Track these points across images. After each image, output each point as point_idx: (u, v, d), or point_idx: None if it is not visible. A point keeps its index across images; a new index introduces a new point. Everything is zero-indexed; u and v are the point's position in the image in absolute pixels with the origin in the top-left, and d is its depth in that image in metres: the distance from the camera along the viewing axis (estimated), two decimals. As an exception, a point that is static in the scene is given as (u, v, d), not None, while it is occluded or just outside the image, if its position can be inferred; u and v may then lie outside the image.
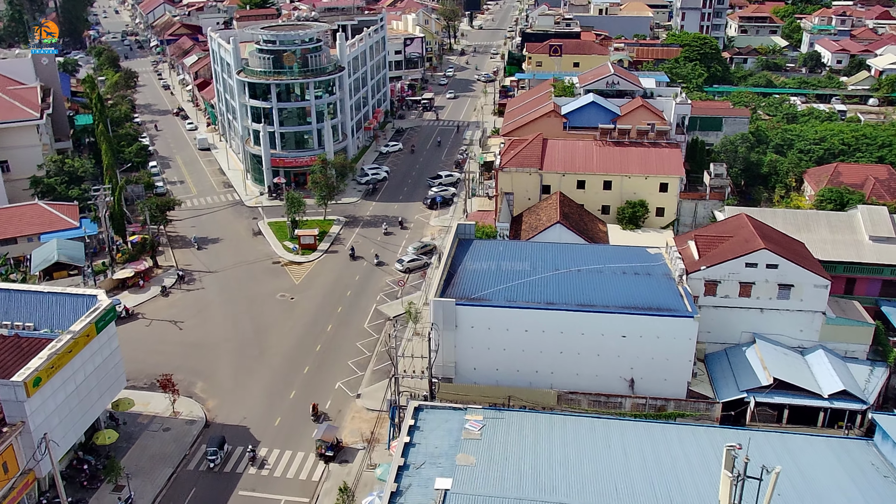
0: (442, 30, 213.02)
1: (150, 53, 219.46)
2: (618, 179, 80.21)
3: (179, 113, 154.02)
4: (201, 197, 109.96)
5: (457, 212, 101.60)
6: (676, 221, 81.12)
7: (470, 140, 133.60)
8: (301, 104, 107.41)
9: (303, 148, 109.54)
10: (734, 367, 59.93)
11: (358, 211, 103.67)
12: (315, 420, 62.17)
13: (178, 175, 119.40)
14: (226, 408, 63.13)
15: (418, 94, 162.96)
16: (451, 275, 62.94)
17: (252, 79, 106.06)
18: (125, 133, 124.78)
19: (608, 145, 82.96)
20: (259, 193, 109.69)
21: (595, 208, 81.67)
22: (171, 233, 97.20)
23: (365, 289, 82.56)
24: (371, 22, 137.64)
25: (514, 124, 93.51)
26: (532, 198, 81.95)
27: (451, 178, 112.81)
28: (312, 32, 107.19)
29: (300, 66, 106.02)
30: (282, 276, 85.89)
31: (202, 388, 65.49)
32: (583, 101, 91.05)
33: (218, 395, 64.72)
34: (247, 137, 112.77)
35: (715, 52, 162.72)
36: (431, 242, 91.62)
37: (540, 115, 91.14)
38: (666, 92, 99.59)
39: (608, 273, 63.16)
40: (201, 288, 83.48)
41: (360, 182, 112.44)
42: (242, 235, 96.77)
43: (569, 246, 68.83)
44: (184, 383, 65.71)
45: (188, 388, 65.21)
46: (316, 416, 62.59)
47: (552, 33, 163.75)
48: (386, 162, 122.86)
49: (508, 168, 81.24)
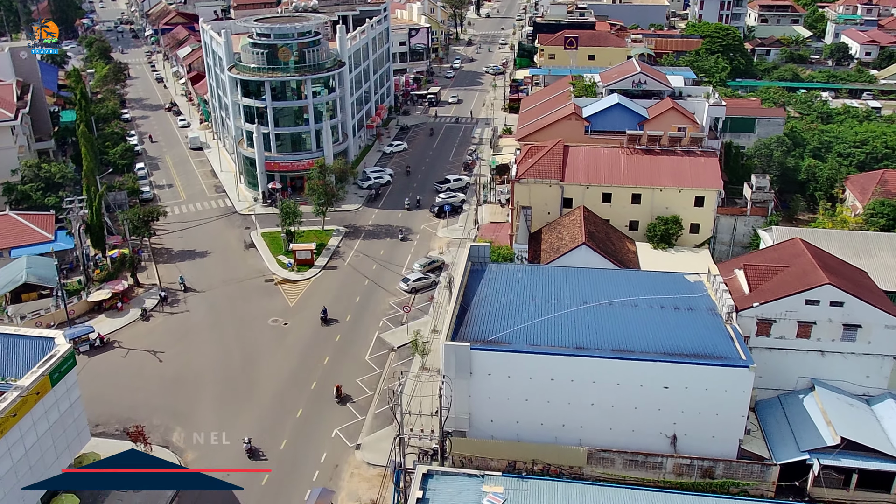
0: (448, 19, 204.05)
1: (145, 43, 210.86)
2: (648, 192, 71.97)
3: (172, 108, 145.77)
4: (190, 203, 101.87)
5: (467, 221, 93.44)
6: (713, 239, 72.95)
7: (479, 139, 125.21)
8: (298, 103, 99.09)
9: (300, 150, 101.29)
10: (791, 420, 51.92)
11: (359, 220, 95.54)
12: (339, 402, 61.34)
13: (166, 178, 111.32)
14: (206, 460, 55.24)
15: (424, 88, 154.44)
16: (464, 309, 54.95)
17: (244, 75, 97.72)
18: (111, 132, 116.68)
19: (637, 153, 74.63)
20: (253, 199, 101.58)
21: (622, 224, 73.49)
22: (155, 245, 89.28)
23: (366, 312, 74.61)
24: (374, 12, 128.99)
25: (531, 128, 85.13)
26: (552, 212, 73.79)
27: (459, 182, 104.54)
28: (310, 25, 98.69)
29: (297, 61, 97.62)
30: (275, 296, 77.94)
31: (180, 437, 57.64)
32: (607, 102, 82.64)
33: (197, 444, 56.86)
34: (240, 138, 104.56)
35: (738, 43, 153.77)
36: (439, 258, 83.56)
37: (559, 118, 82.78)
38: (695, 91, 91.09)
39: (644, 307, 55.05)
40: (186, 311, 75.58)
41: (362, 186, 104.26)
42: (233, 248, 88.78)
43: (597, 272, 60.70)
44: (160, 429, 57.98)
45: (164, 436, 57.40)
46: (339, 397, 61.82)
47: (565, 24, 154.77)
48: (390, 163, 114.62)
49: (526, 179, 73.03)
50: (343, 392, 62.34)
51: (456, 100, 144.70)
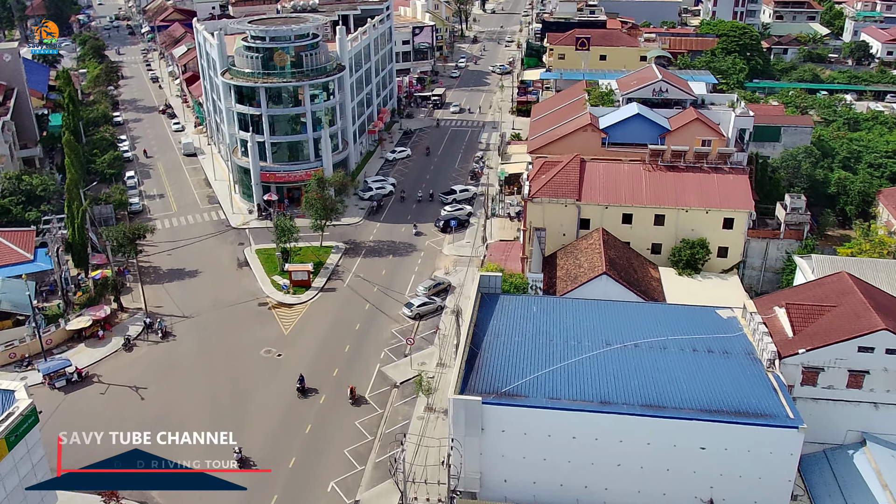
0: (453, 15, 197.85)
1: (142, 41, 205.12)
2: (672, 213, 66.32)
3: (166, 111, 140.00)
4: (182, 215, 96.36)
5: (475, 238, 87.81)
6: (742, 264, 67.31)
7: (486, 144, 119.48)
8: (295, 110, 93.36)
9: (297, 160, 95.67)
10: (841, 480, 46.34)
11: (360, 234, 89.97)
12: (353, 403, 60.14)
13: (158, 187, 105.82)
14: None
15: (428, 89, 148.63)
16: (474, 353, 49.39)
17: (238, 81, 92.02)
18: (100, 138, 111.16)
19: (660, 170, 68.92)
20: (248, 211, 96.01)
21: (644, 247, 67.88)
22: (143, 262, 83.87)
23: (366, 342, 69.11)
24: (376, 11, 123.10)
25: (543, 139, 79.40)
26: (568, 233, 68.20)
27: (466, 193, 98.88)
28: (308, 27, 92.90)
29: (294, 66, 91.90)
30: (269, 322, 72.48)
31: (163, 495, 52.11)
32: (625, 112, 76.86)
33: (179, 496, 51.36)
34: (234, 146, 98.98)
35: (755, 42, 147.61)
36: (445, 279, 77.99)
37: (574, 129, 77.03)
38: (718, 99, 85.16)
39: (675, 350, 49.42)
40: (172, 338, 70.12)
41: (363, 197, 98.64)
42: (226, 267, 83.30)
43: (620, 306, 55.10)
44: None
45: (143, 495, 51.86)
46: (354, 399, 60.59)
47: (575, 22, 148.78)
48: (392, 171, 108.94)
49: (539, 198, 67.39)
50: (357, 393, 61.15)
51: (458, 108, 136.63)
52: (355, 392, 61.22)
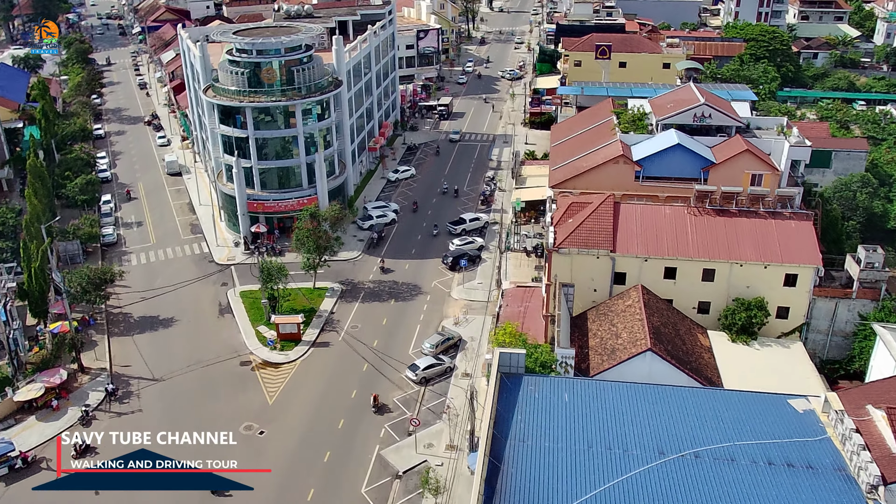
0: (459, 15, 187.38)
1: (132, 42, 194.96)
2: (724, 268, 56.29)
3: (152, 122, 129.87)
4: (160, 248, 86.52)
5: (487, 278, 77.89)
6: (805, 327, 57.30)
7: (497, 162, 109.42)
8: (286, 132, 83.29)
9: (289, 187, 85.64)
10: None
11: (358, 273, 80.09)
12: (376, 412, 58.49)
13: (136, 212, 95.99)
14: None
15: (433, 97, 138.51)
16: (495, 466, 39.54)
17: (221, 99, 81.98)
18: (74, 157, 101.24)
19: (708, 214, 58.83)
20: (233, 244, 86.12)
21: (689, 306, 57.89)
22: (112, 307, 74.15)
23: (364, 415, 59.23)
24: (377, 16, 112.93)
25: (567, 171, 69.27)
26: (600, 289, 58.26)
27: (476, 222, 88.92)
28: (300, 39, 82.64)
29: (284, 82, 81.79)
30: (251, 387, 62.64)
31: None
32: (663, 141, 66.68)
33: None
34: (218, 171, 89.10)
35: (786, 47, 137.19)
36: (454, 333, 68.12)
37: (604, 161, 66.92)
38: (765, 122, 74.91)
39: (745, 463, 39.40)
40: (138, 410, 60.33)
41: (362, 227, 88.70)
42: (206, 313, 73.49)
43: (671, 394, 45.15)
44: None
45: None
46: (377, 407, 58.90)
47: (592, 25, 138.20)
48: (395, 194, 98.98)
49: (567, 249, 57.40)
50: (380, 401, 59.31)
51: (458, 135, 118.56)
52: (378, 400, 59.18)
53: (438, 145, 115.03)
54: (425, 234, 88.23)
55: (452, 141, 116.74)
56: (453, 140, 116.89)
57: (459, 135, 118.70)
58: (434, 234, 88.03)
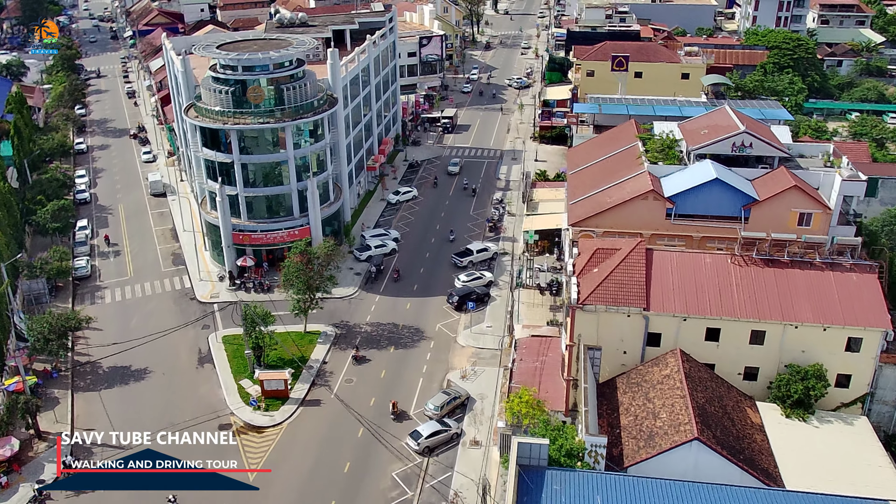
0: (463, 19, 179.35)
1: (123, 46, 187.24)
2: (776, 329, 48.53)
3: (138, 135, 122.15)
4: (138, 282, 78.91)
5: (496, 319, 70.22)
6: (870, 397, 49.51)
7: (505, 181, 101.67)
8: (275, 157, 75.56)
9: (278, 216, 77.89)
10: None
11: (355, 313, 72.44)
12: (395, 419, 57.25)
13: (115, 239, 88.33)
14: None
15: (437, 108, 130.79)
16: None
17: (204, 120, 74.26)
18: (50, 178, 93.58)
19: (755, 265, 51.05)
20: (218, 278, 78.46)
21: (734, 371, 50.16)
22: (79, 356, 66.54)
23: (357, 497, 51.50)
24: (377, 24, 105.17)
25: (588, 207, 61.50)
26: (630, 351, 50.55)
27: (484, 253, 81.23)
28: (290, 54, 74.82)
29: (274, 102, 74.08)
30: (230, 458, 54.20)
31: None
32: (698, 175, 58.88)
33: None
34: (202, 197, 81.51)
35: (811, 55, 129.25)
36: (461, 391, 60.39)
37: (631, 198, 59.16)
38: (805, 149, 67.10)
39: None
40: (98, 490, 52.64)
41: (360, 258, 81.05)
42: (183, 363, 65.83)
43: (724, 495, 37.70)
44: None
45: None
46: (395, 414, 57.74)
47: (605, 32, 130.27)
48: (396, 219, 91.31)
49: (592, 305, 49.68)
50: (398, 408, 58.17)
51: (457, 167, 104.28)
52: (397, 406, 57.75)
53: (436, 176, 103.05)
54: (429, 265, 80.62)
55: (452, 174, 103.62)
56: (452, 173, 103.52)
57: (459, 166, 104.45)
58: (451, 239, 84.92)
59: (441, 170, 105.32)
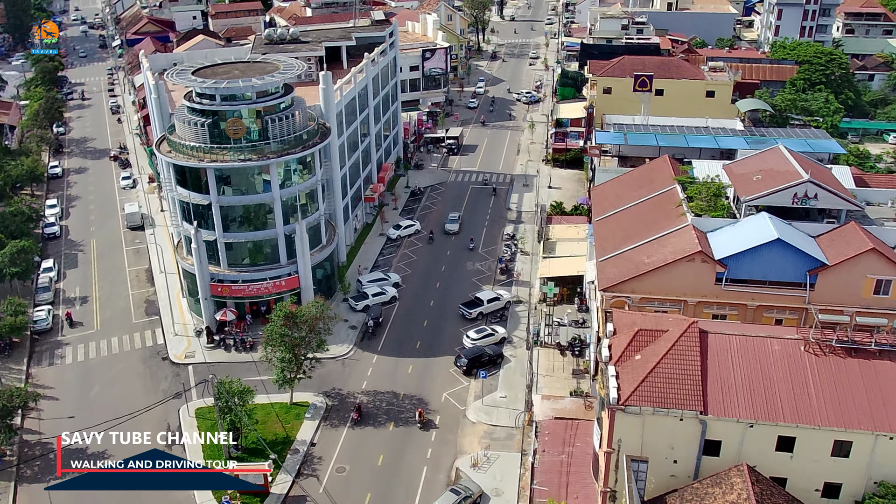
0: (469, 27, 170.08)
1: (112, 56, 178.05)
2: (865, 440, 39.27)
3: (119, 157, 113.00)
4: (105, 337, 69.78)
5: (511, 386, 60.99)
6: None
7: (517, 213, 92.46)
8: (258, 198, 66.27)
9: (262, 263, 68.71)
10: None
11: (349, 378, 63.29)
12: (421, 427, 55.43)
13: (82, 282, 79.36)
14: None
15: (441, 125, 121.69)
16: None
17: (178, 157, 65.07)
18: (13, 212, 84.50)
19: (835, 355, 41.80)
20: (195, 332, 69.34)
21: (810, 487, 40.88)
22: (29, 434, 57.41)
23: None
24: (376, 40, 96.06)
25: (623, 269, 52.24)
26: (682, 461, 41.25)
27: (496, 303, 72.05)
28: (276, 81, 65.45)
29: (258, 136, 64.91)
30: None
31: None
32: (755, 233, 49.63)
33: None
34: (178, 240, 72.42)
35: (845, 71, 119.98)
36: (472, 487, 51.06)
37: (675, 259, 49.94)
38: (872, 195, 57.79)
39: None
40: None
41: (355, 308, 71.97)
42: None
43: None
44: None
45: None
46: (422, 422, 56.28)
47: (622, 45, 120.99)
48: (396, 258, 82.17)
49: (635, 407, 40.45)
50: (425, 416, 56.98)
51: (457, 221, 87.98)
52: (423, 415, 57.29)
53: (432, 231, 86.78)
54: (433, 315, 71.49)
55: (450, 233, 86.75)
56: (450, 231, 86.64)
57: (459, 224, 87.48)
58: (470, 247, 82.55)
59: (448, 197, 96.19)
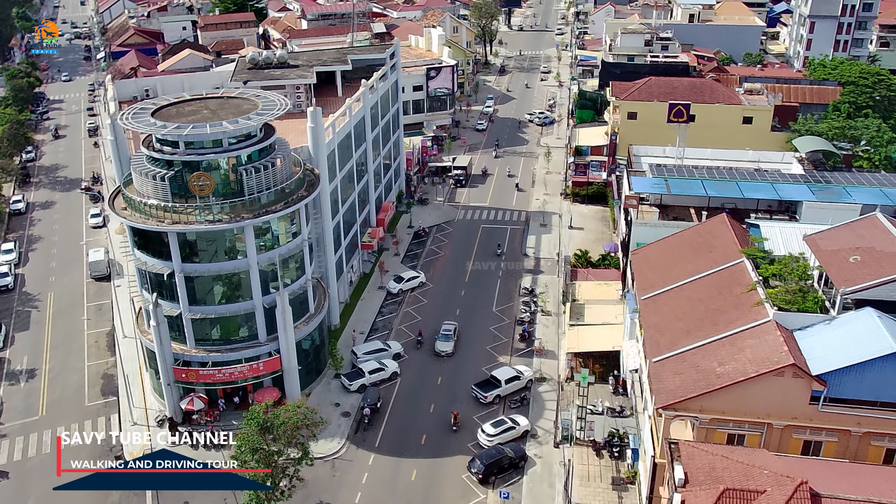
0: (476, 38, 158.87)
1: (96, 68, 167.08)
2: None
3: (91, 188, 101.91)
4: (49, 427, 58.36)
5: (536, 500, 49.76)
6: None
7: (535, 262, 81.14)
8: (231, 266, 54.80)
9: (237, 342, 57.19)
10: None
11: (340, 484, 51.94)
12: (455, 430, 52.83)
13: (32, 350, 68.12)
14: None
15: (447, 150, 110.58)
16: None
17: (135, 217, 53.69)
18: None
19: None
20: (156, 422, 58.01)
21: None
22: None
23: None
24: (376, 63, 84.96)
25: (688, 382, 40.82)
26: None
27: (516, 382, 60.64)
28: (252, 124, 53.89)
29: (230, 191, 53.59)
30: None
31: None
32: (863, 341, 38.20)
33: None
34: (137, 311, 61.12)
35: (894, 93, 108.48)
36: None
37: (758, 374, 38.53)
38: None
39: None
40: None
41: (349, 388, 60.66)
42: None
43: None
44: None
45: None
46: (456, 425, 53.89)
47: (648, 65, 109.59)
48: (398, 319, 70.89)
49: None
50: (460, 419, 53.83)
51: (450, 347, 65.44)
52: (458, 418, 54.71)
53: (420, 332, 67.61)
54: (441, 397, 60.13)
55: (441, 354, 65.33)
56: (442, 353, 65.24)
57: (454, 340, 66.04)
58: (498, 253, 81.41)
59: (455, 242, 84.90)
